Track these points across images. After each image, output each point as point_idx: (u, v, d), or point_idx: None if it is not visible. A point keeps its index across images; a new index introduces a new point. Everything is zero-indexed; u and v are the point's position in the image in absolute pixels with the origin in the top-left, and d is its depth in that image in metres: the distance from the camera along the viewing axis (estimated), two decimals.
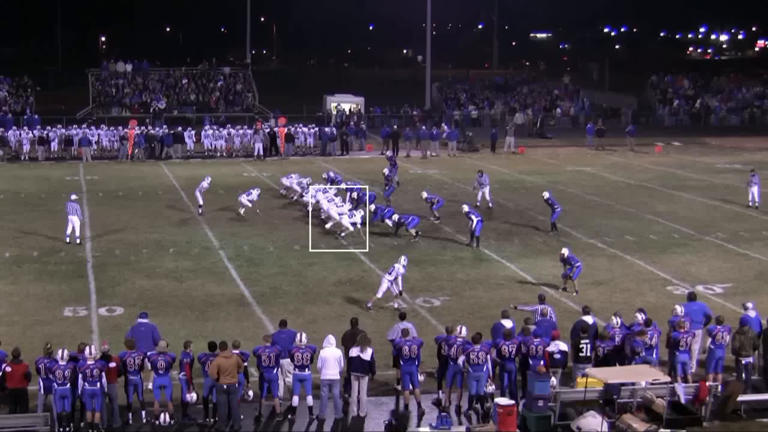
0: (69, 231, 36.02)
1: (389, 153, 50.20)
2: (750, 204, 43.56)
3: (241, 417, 20.37)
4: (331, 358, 20.68)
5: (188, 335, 23.62)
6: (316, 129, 65.17)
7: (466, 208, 37.07)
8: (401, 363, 21.16)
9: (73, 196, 37.21)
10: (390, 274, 28.24)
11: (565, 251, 30.62)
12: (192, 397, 20.33)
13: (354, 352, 20.88)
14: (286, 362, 20.99)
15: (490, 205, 43.40)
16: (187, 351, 20.55)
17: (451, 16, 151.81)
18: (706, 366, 22.30)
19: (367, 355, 20.84)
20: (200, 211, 41.56)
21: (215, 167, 56.80)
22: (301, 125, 65.58)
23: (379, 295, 28.07)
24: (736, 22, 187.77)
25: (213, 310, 28.03)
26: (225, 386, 19.71)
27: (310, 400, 20.76)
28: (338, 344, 21.36)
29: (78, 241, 35.97)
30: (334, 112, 75.61)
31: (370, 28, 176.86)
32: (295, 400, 20.80)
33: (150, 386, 20.54)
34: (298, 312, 27.46)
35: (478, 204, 43.03)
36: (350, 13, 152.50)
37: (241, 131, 63.52)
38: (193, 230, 38.78)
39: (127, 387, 20.34)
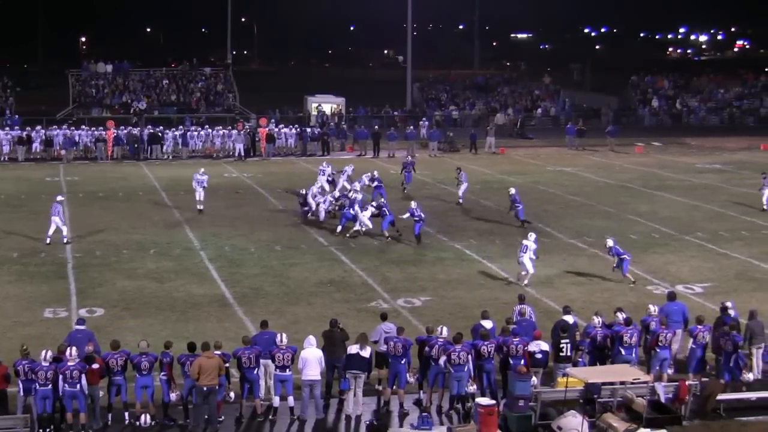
0: (50, 232, 35.91)
1: (409, 158, 49.57)
2: (765, 208, 43.07)
3: (221, 419, 20.35)
4: (312, 359, 20.69)
5: (169, 336, 23.57)
6: (298, 130, 65.12)
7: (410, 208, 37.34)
8: (390, 360, 21.22)
9: (59, 198, 37.15)
10: (524, 252, 30.37)
11: (610, 242, 31.39)
12: (174, 396, 20.29)
13: (353, 349, 20.90)
14: (267, 363, 20.99)
15: (460, 201, 43.73)
16: (168, 351, 20.54)
17: (432, 17, 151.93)
18: (687, 365, 22.40)
19: (366, 352, 20.90)
20: (200, 208, 42.07)
21: (196, 168, 56.60)
22: (281, 125, 65.52)
23: (533, 271, 30.55)
24: (715, 23, 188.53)
25: (194, 310, 28.00)
26: (205, 388, 19.67)
27: (291, 400, 20.76)
28: (319, 345, 21.40)
29: (65, 240, 35.88)
30: (315, 113, 75.57)
31: (351, 28, 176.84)
32: (276, 400, 20.80)
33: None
34: (280, 313, 27.46)
35: (460, 201, 43.80)
36: (331, 13, 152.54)
37: (221, 132, 63.36)
38: (175, 231, 38.72)
39: (109, 388, 20.30)
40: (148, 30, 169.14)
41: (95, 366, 20.01)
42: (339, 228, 37.64)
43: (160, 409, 20.44)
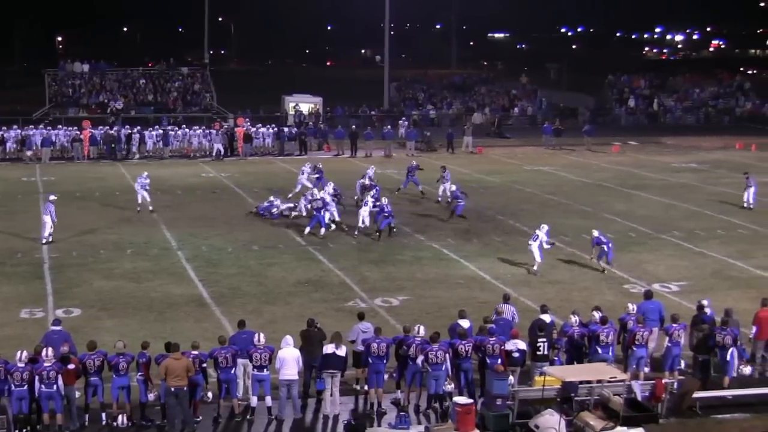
0: (46, 232, 36.02)
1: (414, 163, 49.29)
2: (744, 206, 43.45)
3: (199, 419, 20.32)
4: (289, 359, 20.69)
5: (147, 336, 23.51)
6: (275, 129, 65.04)
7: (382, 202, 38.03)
8: (370, 361, 21.21)
9: (51, 197, 37.08)
10: (534, 240, 32.25)
11: (595, 232, 32.87)
12: (151, 396, 20.24)
13: (329, 348, 20.90)
14: (245, 362, 20.97)
15: (449, 200, 43.79)
16: (144, 351, 20.49)
17: (410, 17, 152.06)
18: (663, 363, 22.51)
19: (342, 351, 20.94)
20: (150, 209, 41.74)
21: (174, 167, 56.61)
22: (258, 124, 65.40)
23: (540, 260, 32.21)
24: (691, 23, 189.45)
25: (172, 310, 27.95)
26: (172, 388, 19.62)
27: (268, 400, 20.76)
28: (296, 344, 21.40)
29: (43, 240, 35.84)
30: (293, 113, 75.50)
31: (329, 28, 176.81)
32: (254, 400, 20.79)
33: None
34: (258, 312, 27.44)
35: (439, 199, 43.79)
36: (309, 13, 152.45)
37: (198, 131, 63.22)
38: (152, 231, 38.61)
39: (86, 389, 20.24)
40: (125, 30, 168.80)
41: (71, 366, 19.94)
42: (307, 229, 37.56)
43: (137, 410, 20.39)
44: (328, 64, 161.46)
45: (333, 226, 38.01)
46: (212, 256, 34.61)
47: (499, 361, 21.03)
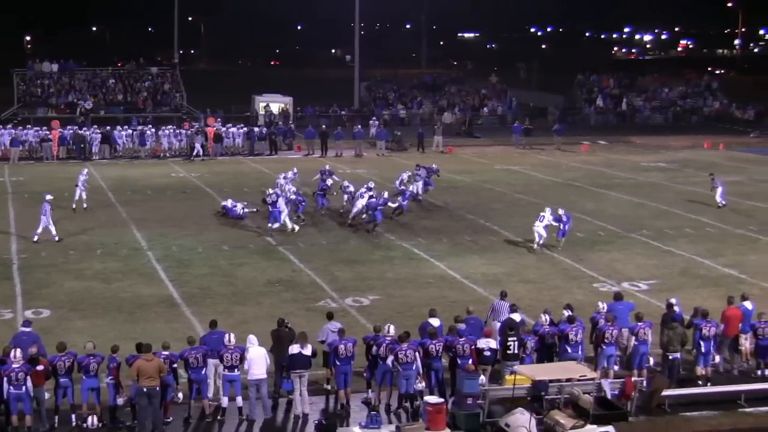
0: (39, 230, 36.06)
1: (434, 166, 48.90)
2: (720, 206, 43.54)
3: (169, 419, 20.27)
4: (257, 358, 20.70)
5: (117, 337, 23.47)
6: (245, 129, 64.92)
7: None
8: (338, 363, 21.19)
9: (48, 197, 36.98)
10: (540, 221, 35.18)
11: (560, 210, 35.86)
12: (120, 400, 20.16)
13: (294, 349, 20.86)
14: (216, 363, 20.95)
15: (419, 198, 43.96)
16: (114, 355, 20.38)
17: (380, 17, 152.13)
18: (631, 362, 22.61)
19: (308, 350, 20.92)
20: (84, 206, 41.78)
21: (144, 168, 56.45)
22: (229, 125, 65.24)
23: (539, 240, 35.20)
24: (659, 23, 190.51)
25: (142, 311, 27.86)
26: (145, 389, 19.56)
27: (239, 400, 20.73)
28: (262, 343, 21.38)
29: (35, 238, 36.01)
30: (263, 113, 75.38)
31: (299, 28, 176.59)
32: (225, 401, 20.75)
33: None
34: (228, 313, 27.38)
35: (419, 198, 43.98)
36: (279, 13, 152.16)
37: (168, 131, 63.03)
38: (122, 231, 38.49)
39: (56, 390, 20.15)
40: (94, 29, 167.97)
41: (40, 368, 19.83)
42: (270, 225, 37.57)
43: (108, 411, 20.32)
44: (298, 64, 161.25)
45: (291, 228, 37.94)
46: (183, 256, 34.54)
47: (470, 360, 21.09)
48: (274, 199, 37.92)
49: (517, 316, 22.95)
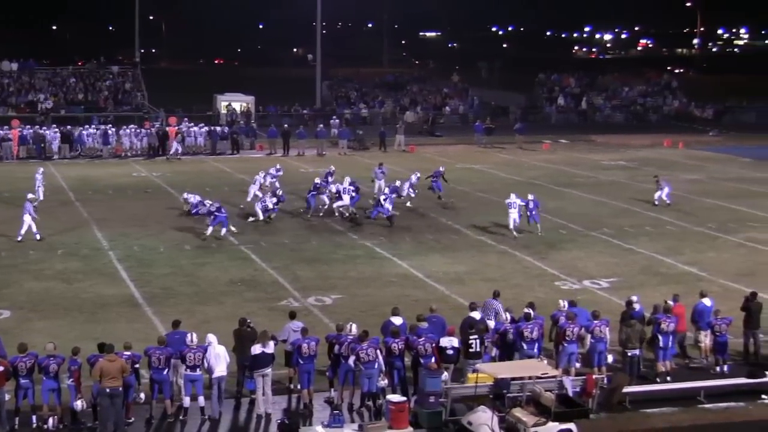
0: (34, 230, 36.04)
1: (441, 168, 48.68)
2: (656, 203, 43.89)
3: (131, 420, 20.20)
4: (218, 355, 20.72)
5: (78, 337, 23.38)
6: (207, 128, 64.71)
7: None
8: (300, 362, 21.18)
9: (30, 196, 36.81)
10: (513, 207, 37.40)
11: (530, 196, 38.36)
12: (78, 404, 20.02)
13: (257, 349, 20.83)
14: (178, 363, 20.90)
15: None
16: (75, 358, 20.27)
17: (342, 16, 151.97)
18: (590, 360, 22.75)
19: (270, 348, 20.91)
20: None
21: (105, 167, 56.18)
22: (190, 124, 64.98)
23: (511, 225, 37.35)
24: (619, 23, 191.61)
25: (103, 311, 27.75)
26: (108, 390, 19.47)
27: (201, 400, 20.69)
28: (229, 344, 21.37)
29: (37, 237, 36.06)
30: (224, 112, 75.16)
31: (260, 27, 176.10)
32: (186, 401, 20.70)
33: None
34: (190, 312, 27.30)
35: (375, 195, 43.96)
36: (240, 12, 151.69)
37: (129, 131, 62.72)
38: (83, 231, 38.29)
39: (17, 391, 20.01)
40: (55, 28, 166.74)
41: (0, 369, 19.73)
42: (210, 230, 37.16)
43: (68, 413, 20.21)
44: (259, 63, 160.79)
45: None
46: (144, 256, 34.42)
47: (433, 359, 21.15)
48: (217, 204, 37.48)
49: (476, 314, 23.02)
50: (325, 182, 42.22)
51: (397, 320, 22.43)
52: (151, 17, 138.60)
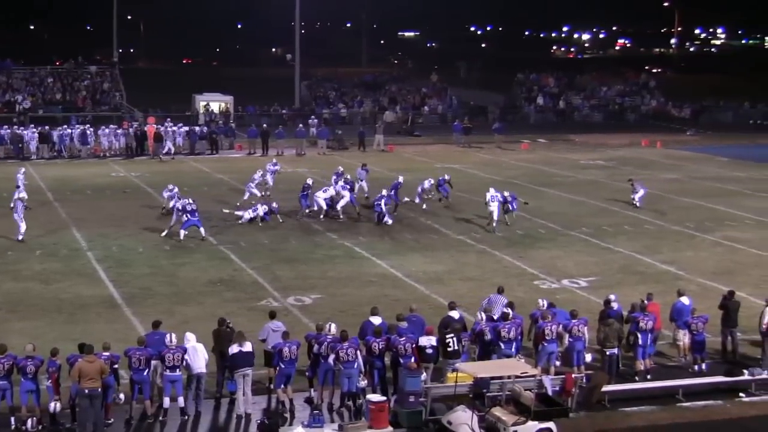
0: (23, 229, 36.13)
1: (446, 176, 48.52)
2: (638, 205, 43.85)
3: (110, 421, 20.14)
4: (197, 352, 20.75)
5: (57, 338, 23.30)
6: (186, 128, 64.56)
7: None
8: (281, 365, 21.12)
9: (22, 195, 37.15)
10: (492, 200, 38.38)
11: (507, 193, 39.78)
12: (52, 406, 19.91)
13: (234, 348, 20.82)
14: (157, 363, 20.86)
15: (366, 195, 44.11)
16: (54, 359, 20.20)
17: (320, 15, 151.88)
18: (569, 359, 22.81)
19: (248, 347, 20.90)
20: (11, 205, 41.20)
21: (84, 167, 56.01)
22: (170, 124, 64.79)
23: (495, 218, 38.39)
24: (597, 22, 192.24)
25: (82, 312, 27.66)
26: (86, 390, 19.41)
27: (181, 401, 20.66)
28: (209, 345, 21.36)
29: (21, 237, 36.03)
30: (203, 112, 75.02)
31: (239, 26, 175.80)
32: (166, 401, 20.65)
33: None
34: (170, 313, 27.23)
35: (366, 196, 44.49)
36: (219, 12, 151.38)
37: (108, 131, 62.53)
38: (61, 231, 38.17)
39: None
40: (32, 27, 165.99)
41: None
42: (182, 234, 36.70)
43: (47, 414, 20.14)
44: (238, 63, 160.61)
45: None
46: (123, 256, 34.33)
47: (412, 359, 21.17)
48: (193, 207, 37.25)
49: (455, 314, 23.05)
50: (340, 183, 42.64)
51: (376, 320, 22.44)
52: (129, 17, 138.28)
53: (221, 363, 21.46)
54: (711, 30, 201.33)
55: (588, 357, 23.00)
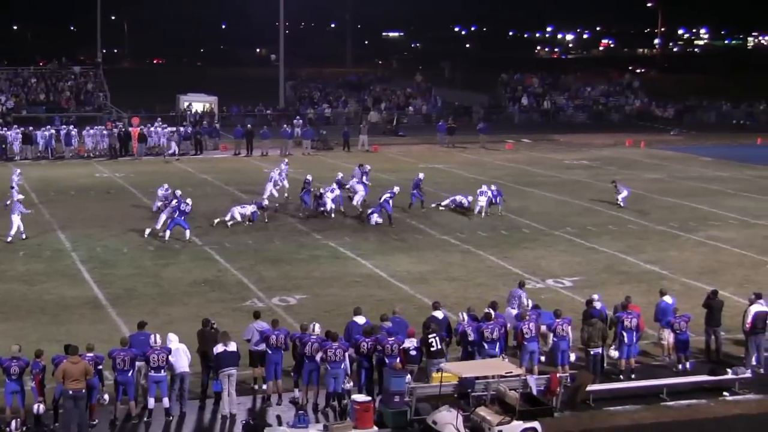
0: (13, 231, 35.88)
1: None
2: (622, 205, 43.91)
3: (95, 422, 20.10)
4: (179, 352, 20.74)
5: (41, 339, 23.24)
6: (171, 129, 64.42)
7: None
8: (268, 352, 21.20)
9: (19, 196, 37.04)
10: (482, 195, 41.40)
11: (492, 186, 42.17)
12: (35, 407, 19.86)
13: (219, 348, 20.81)
14: (142, 364, 20.84)
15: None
16: (38, 360, 20.15)
17: (305, 16, 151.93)
18: (554, 359, 22.87)
19: (232, 347, 20.89)
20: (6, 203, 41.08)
21: (68, 168, 55.86)
22: (155, 125, 64.68)
23: (476, 210, 41.31)
24: (581, 23, 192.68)
25: (66, 313, 27.59)
26: (71, 392, 19.36)
27: (166, 401, 20.63)
28: (193, 346, 21.34)
29: (23, 237, 36.14)
30: (188, 112, 74.90)
31: (223, 27, 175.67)
32: (151, 402, 20.62)
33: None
34: (154, 313, 27.17)
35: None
36: (203, 12, 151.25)
37: (92, 131, 62.38)
38: (45, 232, 38.03)
39: None
40: (15, 28, 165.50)
41: None
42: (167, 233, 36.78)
43: (31, 415, 20.09)
44: (222, 63, 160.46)
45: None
46: (107, 257, 34.25)
47: (398, 359, 21.18)
48: (188, 209, 37.21)
49: (439, 314, 23.10)
50: (360, 181, 43.89)
51: (360, 320, 22.46)
52: (113, 17, 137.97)
53: (206, 363, 21.43)
54: (694, 30, 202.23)
55: (572, 356, 23.07)
